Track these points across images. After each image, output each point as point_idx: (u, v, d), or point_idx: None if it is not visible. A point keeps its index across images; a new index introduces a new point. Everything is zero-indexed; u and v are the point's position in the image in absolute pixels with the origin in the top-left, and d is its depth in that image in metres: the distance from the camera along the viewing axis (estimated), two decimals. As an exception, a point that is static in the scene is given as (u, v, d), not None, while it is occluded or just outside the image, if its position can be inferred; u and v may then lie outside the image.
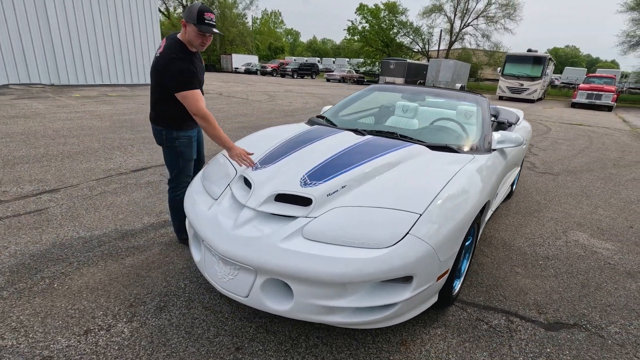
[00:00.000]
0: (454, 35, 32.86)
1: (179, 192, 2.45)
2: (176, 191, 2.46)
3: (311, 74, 33.47)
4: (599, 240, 3.12)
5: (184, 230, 2.52)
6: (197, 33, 2.04)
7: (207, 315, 1.90)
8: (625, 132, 10.20)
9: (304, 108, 10.86)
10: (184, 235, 2.56)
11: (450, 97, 3.24)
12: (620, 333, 1.99)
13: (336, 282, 1.45)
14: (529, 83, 20.40)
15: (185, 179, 2.46)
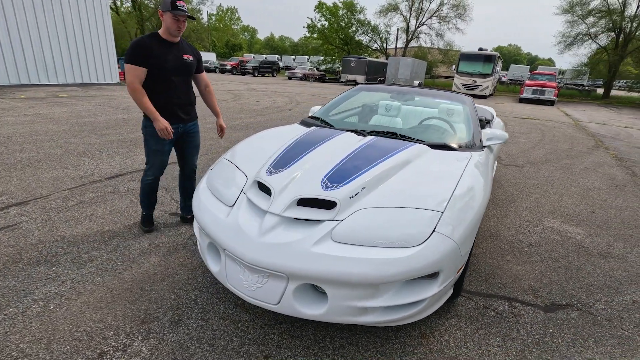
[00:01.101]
0: (410, 34, 34.02)
1: (145, 178, 2.66)
2: (144, 176, 2.67)
3: (272, 71, 33.09)
4: (570, 226, 3.43)
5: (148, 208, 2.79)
6: (172, 19, 2.29)
7: (226, 325, 1.85)
8: (569, 125, 11.18)
9: (273, 107, 10.74)
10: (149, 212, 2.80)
11: (436, 96, 3.38)
12: (605, 309, 2.21)
13: (371, 283, 1.48)
14: (481, 80, 21.66)
15: (150, 167, 2.61)
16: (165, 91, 2.43)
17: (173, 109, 2.49)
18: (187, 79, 2.54)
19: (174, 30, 2.33)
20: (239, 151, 2.33)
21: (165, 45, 2.38)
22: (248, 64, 31.18)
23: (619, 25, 25.74)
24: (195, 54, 2.57)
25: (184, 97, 2.54)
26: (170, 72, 2.40)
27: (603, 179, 5.21)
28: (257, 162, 2.11)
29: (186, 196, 2.91)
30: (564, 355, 1.81)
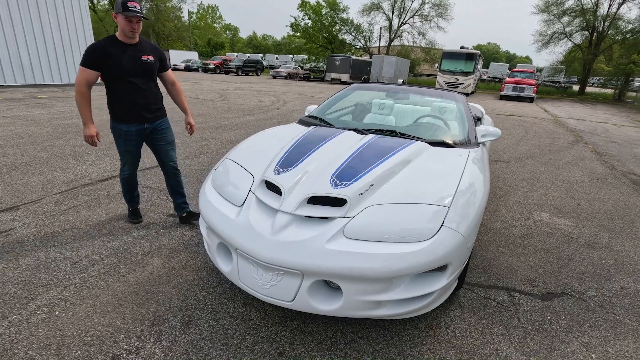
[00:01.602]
0: (392, 32, 34.37)
1: (121, 173, 2.76)
2: (120, 171, 2.77)
3: (256, 70, 32.85)
4: (558, 218, 3.57)
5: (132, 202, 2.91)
6: (124, 20, 2.29)
7: (237, 324, 1.86)
8: (549, 121, 11.56)
9: (260, 106, 10.69)
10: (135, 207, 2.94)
11: (430, 94, 3.46)
12: (597, 296, 2.32)
13: (385, 277, 1.52)
14: (464, 78, 22.10)
15: (125, 166, 2.72)
16: (128, 93, 2.45)
17: (137, 110, 2.51)
18: (148, 79, 2.54)
19: (128, 31, 2.33)
20: (242, 151, 2.34)
21: (122, 48, 2.37)
22: (232, 63, 30.87)
23: (592, 24, 26.72)
24: (156, 53, 2.57)
25: (148, 97, 2.55)
26: (127, 74, 2.40)
27: (585, 172, 5.44)
28: (262, 162, 2.12)
29: (175, 195, 2.90)
30: (562, 340, 1.90)
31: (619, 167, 5.89)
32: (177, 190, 2.89)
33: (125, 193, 2.85)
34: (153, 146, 2.74)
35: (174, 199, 2.93)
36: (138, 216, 2.91)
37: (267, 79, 28.44)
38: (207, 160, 4.74)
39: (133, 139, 2.58)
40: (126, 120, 2.52)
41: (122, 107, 2.47)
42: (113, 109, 2.49)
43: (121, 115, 2.49)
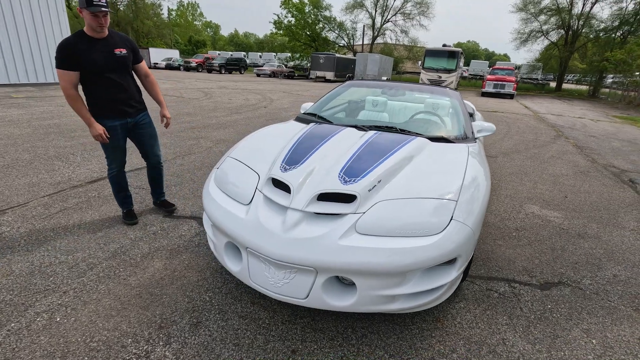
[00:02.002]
0: (375, 30, 34.58)
1: (109, 172, 2.70)
2: (108, 171, 2.71)
3: (239, 68, 32.45)
4: (548, 210, 3.68)
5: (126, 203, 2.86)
6: (90, 16, 2.22)
7: (247, 324, 1.84)
8: (530, 117, 11.89)
9: (247, 105, 10.57)
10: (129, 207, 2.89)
11: (426, 91, 3.50)
12: (592, 284, 2.41)
13: (399, 272, 1.54)
14: (446, 75, 22.47)
15: (110, 163, 2.66)
16: (106, 89, 2.42)
17: (117, 105, 2.50)
18: (125, 73, 2.52)
19: (96, 26, 2.28)
20: (244, 149, 2.31)
21: (93, 43, 2.32)
22: (214, 61, 30.43)
23: (568, 23, 27.59)
24: (128, 45, 2.54)
25: (127, 91, 2.54)
26: (104, 70, 2.37)
27: (568, 166, 5.62)
28: (265, 160, 2.10)
29: (155, 185, 3.04)
30: (564, 327, 1.97)
31: (599, 161, 6.12)
32: (157, 182, 3.03)
33: (117, 194, 2.81)
34: (137, 140, 2.75)
35: (152, 189, 3.06)
36: (133, 217, 2.85)
37: (251, 77, 28.15)
38: (198, 159, 4.66)
39: (118, 134, 2.56)
40: (109, 116, 2.49)
41: (102, 103, 2.45)
42: (94, 106, 2.44)
43: (103, 112, 2.46)
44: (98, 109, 2.44)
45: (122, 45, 2.48)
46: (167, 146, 5.22)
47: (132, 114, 2.61)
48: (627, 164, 6.04)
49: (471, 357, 1.72)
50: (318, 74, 27.10)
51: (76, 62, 2.27)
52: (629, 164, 6.05)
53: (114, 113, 2.50)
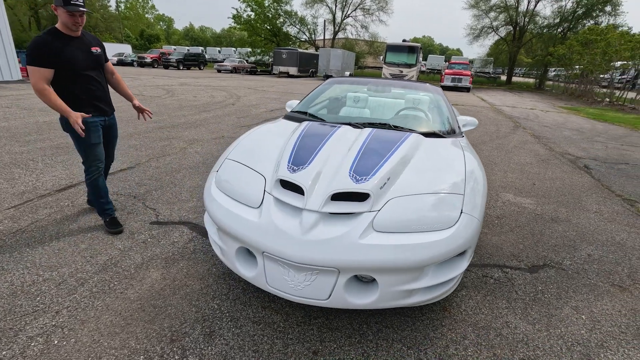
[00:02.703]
0: (336, 25, 34.77)
1: (89, 176, 2.57)
2: (87, 175, 2.57)
3: (198, 64, 31.30)
4: (522, 198, 3.93)
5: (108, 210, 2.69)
6: (66, 14, 2.18)
7: (262, 329, 1.81)
8: (489, 109, 12.58)
9: (214, 102, 10.24)
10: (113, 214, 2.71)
11: (410, 87, 3.58)
12: (572, 264, 2.62)
13: (418, 267, 1.58)
14: (407, 70, 23.13)
15: (93, 162, 2.54)
16: (85, 87, 2.40)
17: (97, 103, 2.48)
18: (100, 71, 2.53)
19: (72, 25, 2.24)
20: (241, 151, 2.24)
21: (69, 41, 2.28)
22: (171, 57, 29.08)
23: (515, 19, 29.38)
24: (100, 45, 2.55)
25: (104, 90, 2.56)
26: (83, 67, 2.35)
27: (531, 155, 6.03)
28: (267, 161, 2.06)
29: None
30: (556, 307, 2.13)
31: (556, 149, 6.62)
32: None
33: (96, 200, 2.67)
34: (105, 140, 2.69)
35: None
36: (118, 225, 2.68)
37: (211, 73, 27.26)
38: (175, 161, 4.46)
39: (99, 129, 2.51)
40: (89, 113, 2.41)
41: (82, 100, 2.39)
42: (73, 104, 2.33)
43: (83, 109, 2.37)
44: (77, 106, 2.35)
45: (96, 44, 2.49)
46: (138, 148, 4.95)
47: (108, 113, 2.61)
48: (579, 151, 6.59)
49: (481, 342, 1.81)
50: (281, 70, 26.83)
51: (53, 59, 2.21)
52: (581, 151, 6.60)
53: (95, 109, 2.46)
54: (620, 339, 1.91)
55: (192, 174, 4.00)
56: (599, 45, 17.86)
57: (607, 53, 17.36)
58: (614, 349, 1.83)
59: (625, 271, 2.57)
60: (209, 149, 5.15)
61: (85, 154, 2.51)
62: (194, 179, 3.87)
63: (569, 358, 1.75)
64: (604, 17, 25.56)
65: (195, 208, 3.14)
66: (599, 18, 25.73)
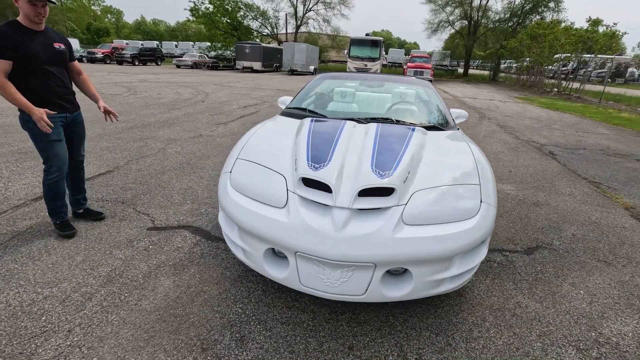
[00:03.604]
0: (298, 19, 34.48)
1: (49, 177, 2.42)
2: (47, 175, 2.43)
3: (155, 59, 29.81)
4: (503, 185, 4.17)
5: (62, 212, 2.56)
6: (28, 5, 2.11)
7: (293, 329, 1.80)
8: (452, 100, 13.12)
9: (181, 99, 9.83)
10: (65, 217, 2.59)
11: (402, 81, 3.65)
12: (561, 245, 2.83)
13: (450, 257, 1.64)
14: (371, 63, 23.50)
15: (54, 162, 2.41)
16: (45, 83, 2.30)
17: (57, 99, 2.38)
18: (63, 68, 2.44)
19: (34, 17, 2.16)
20: (252, 150, 2.18)
21: (31, 34, 2.20)
22: (125, 52, 27.45)
23: (470, 14, 30.72)
24: (65, 42, 2.45)
25: (66, 86, 2.46)
26: (44, 62, 2.26)
27: (500, 143, 6.38)
28: (283, 159, 2.03)
29: (76, 189, 2.76)
30: (556, 284, 2.29)
31: (521, 137, 7.06)
32: (78, 185, 2.77)
33: (52, 202, 2.51)
34: (69, 139, 2.58)
35: (72, 194, 2.76)
36: (70, 227, 2.56)
37: (170, 68, 26.10)
38: (156, 162, 4.25)
39: (59, 126, 2.39)
40: (49, 109, 2.30)
41: (42, 95, 2.28)
42: (33, 99, 2.23)
43: (42, 105, 2.27)
44: (37, 101, 2.25)
45: (59, 41, 2.39)
46: (112, 150, 4.65)
47: (70, 110, 2.49)
48: (542, 138, 7.08)
49: (500, 323, 1.92)
50: (245, 65, 26.24)
51: (13, 51, 2.11)
52: (543, 138, 7.09)
53: (54, 106, 2.35)
54: (616, 309, 2.10)
55: (179, 176, 3.84)
56: (547, 39, 19.16)
57: (553, 46, 18.68)
58: (613, 319, 2.01)
59: (606, 247, 2.81)
60: (190, 148, 4.96)
61: (45, 152, 2.37)
62: (182, 180, 3.71)
63: (578, 330, 1.90)
64: (549, 13, 27.45)
65: (191, 211, 3.02)
66: (544, 13, 27.59)
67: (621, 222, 3.30)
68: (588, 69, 19.47)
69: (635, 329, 1.94)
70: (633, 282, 2.38)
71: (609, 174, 4.88)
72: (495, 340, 1.80)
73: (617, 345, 1.81)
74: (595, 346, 1.80)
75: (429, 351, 1.71)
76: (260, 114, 8.14)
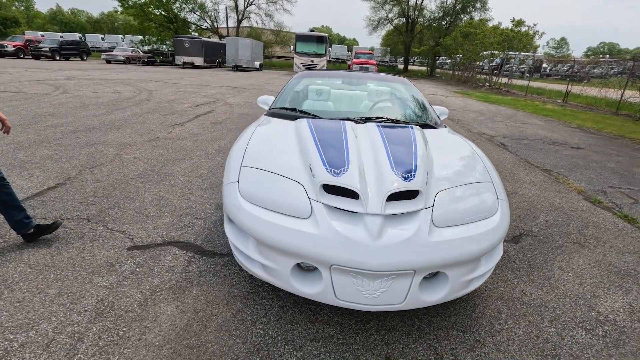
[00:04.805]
0: (239, 13, 33.36)
1: None
2: None
3: (80, 54, 26.93)
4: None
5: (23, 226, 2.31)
6: None
7: (324, 345, 1.69)
8: (401, 96, 13.62)
9: (122, 99, 8.96)
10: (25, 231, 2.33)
11: (382, 79, 3.64)
12: (539, 231, 3.04)
13: (481, 256, 1.65)
14: (318, 59, 23.60)
15: None
16: None
17: None
18: None
19: None
20: (255, 157, 2.01)
21: None
22: (43, 45, 24.40)
23: (407, 12, 32.17)
24: None
25: None
26: None
27: (457, 136, 6.74)
28: (293, 166, 1.90)
29: (11, 209, 2.28)
30: (548, 269, 2.46)
31: (473, 130, 7.54)
32: (11, 204, 2.28)
33: None
34: None
35: (9, 216, 2.28)
36: None
37: (99, 64, 23.75)
38: (114, 171, 3.80)
39: None
40: None
41: None
42: None
43: None
44: None
45: None
46: (56, 159, 4.07)
47: None
48: (490, 130, 7.63)
49: (515, 313, 2.00)
50: (185, 60, 24.79)
51: None
52: (491, 130, 7.65)
53: None
54: (603, 287, 2.30)
55: (146, 185, 3.47)
56: (478, 37, 20.75)
57: (484, 44, 20.30)
58: (604, 297, 2.20)
59: (576, 230, 3.10)
60: (149, 153, 4.51)
61: None
62: (152, 190, 3.36)
63: (580, 312, 2.05)
64: (476, 13, 29.76)
65: (173, 224, 2.74)
66: (472, 13, 29.86)
67: (579, 206, 3.66)
68: (512, 65, 21.49)
69: (623, 305, 2.14)
70: (607, 260, 2.64)
71: (554, 161, 5.40)
72: (515, 330, 1.87)
73: (615, 322, 1.99)
74: (599, 325, 1.95)
75: (462, 350, 1.72)
76: (216, 113, 7.72)
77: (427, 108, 3.13)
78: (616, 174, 4.92)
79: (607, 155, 6.07)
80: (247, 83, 15.57)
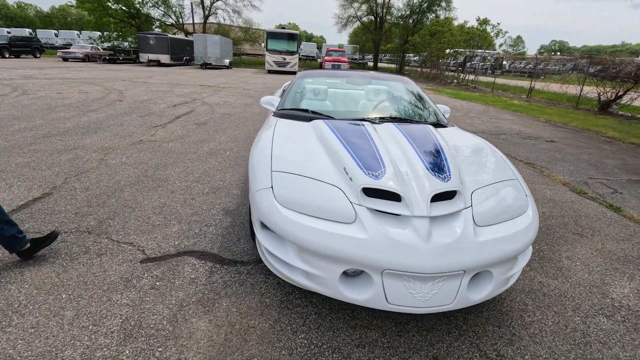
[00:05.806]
0: (206, 9, 32.37)
1: None
2: None
3: (33, 51, 25.08)
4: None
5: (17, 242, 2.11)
6: None
7: (370, 350, 1.68)
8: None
9: (91, 99, 8.44)
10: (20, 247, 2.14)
11: (382, 78, 3.65)
12: (540, 223, 3.16)
13: (519, 253, 1.70)
14: (290, 57, 23.40)
15: None
16: None
17: None
18: None
19: None
20: (283, 161, 1.94)
21: None
22: (-11, 41, 22.49)
23: (375, 10, 32.60)
24: None
25: None
26: None
27: (440, 133, 6.92)
28: (326, 169, 1.87)
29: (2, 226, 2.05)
30: (558, 260, 2.58)
31: (453, 126, 7.76)
32: (1, 218, 2.06)
33: None
34: None
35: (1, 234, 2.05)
36: None
37: (55, 62, 22.24)
38: (105, 177, 3.56)
39: None
40: None
41: None
42: None
43: None
44: None
45: None
46: (35, 167, 3.76)
47: None
48: (467, 126, 7.90)
49: (540, 305, 2.08)
50: (150, 57, 23.71)
51: None
52: (468, 126, 7.92)
53: None
54: (609, 274, 2.45)
55: (143, 192, 3.28)
56: (445, 35, 21.41)
57: (451, 42, 20.99)
58: (612, 283, 2.34)
59: (572, 221, 3.27)
60: (137, 158, 4.27)
61: None
62: (151, 197, 3.18)
63: (597, 299, 2.17)
64: (442, 12, 30.69)
65: (183, 232, 2.61)
66: (438, 12, 30.76)
67: (568, 197, 3.88)
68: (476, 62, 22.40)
69: (631, 290, 2.29)
70: (606, 248, 2.81)
71: (534, 155, 5.69)
72: (545, 322, 1.94)
73: (629, 307, 2.11)
74: (616, 311, 2.07)
75: (502, 345, 1.76)
76: (197, 113, 7.45)
77: (434, 107, 3.18)
78: (591, 166, 5.26)
79: (579, 147, 6.48)
80: (221, 81, 15.16)
